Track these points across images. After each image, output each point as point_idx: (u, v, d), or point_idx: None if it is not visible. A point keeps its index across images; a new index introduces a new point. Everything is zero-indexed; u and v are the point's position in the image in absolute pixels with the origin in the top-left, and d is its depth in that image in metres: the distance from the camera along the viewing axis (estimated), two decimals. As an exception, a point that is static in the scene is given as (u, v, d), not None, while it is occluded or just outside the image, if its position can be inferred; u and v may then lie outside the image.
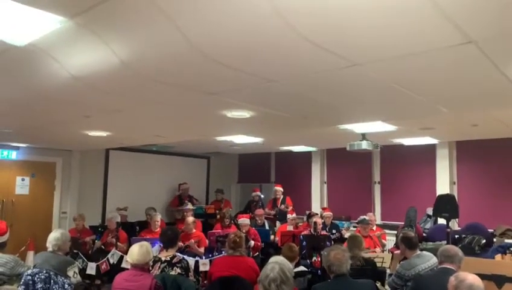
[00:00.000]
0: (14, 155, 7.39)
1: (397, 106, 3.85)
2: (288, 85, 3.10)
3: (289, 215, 7.37)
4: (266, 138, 6.71)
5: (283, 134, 6.47)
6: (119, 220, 6.88)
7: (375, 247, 6.19)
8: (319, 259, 5.40)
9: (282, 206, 8.20)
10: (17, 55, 2.57)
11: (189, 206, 7.89)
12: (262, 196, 8.87)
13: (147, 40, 2.31)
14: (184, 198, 8.76)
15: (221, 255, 5.24)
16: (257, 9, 1.87)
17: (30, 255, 6.40)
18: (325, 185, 9.04)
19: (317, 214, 7.56)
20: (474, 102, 3.65)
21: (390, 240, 7.09)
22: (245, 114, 4.24)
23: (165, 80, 3.04)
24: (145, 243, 3.39)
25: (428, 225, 7.06)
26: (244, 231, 6.17)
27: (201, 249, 6.13)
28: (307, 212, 7.83)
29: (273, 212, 8.28)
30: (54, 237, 3.57)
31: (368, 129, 5.20)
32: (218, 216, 8.04)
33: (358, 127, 5.10)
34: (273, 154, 10.05)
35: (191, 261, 5.04)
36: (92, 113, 4.43)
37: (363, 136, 5.46)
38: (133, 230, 7.17)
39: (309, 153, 9.03)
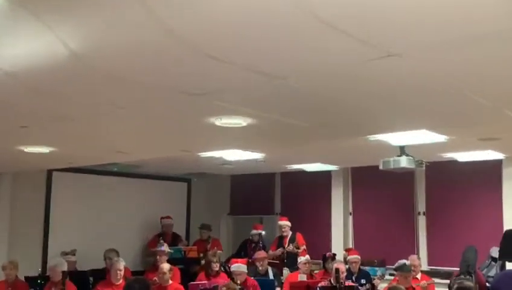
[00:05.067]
0: None
1: (448, 109, 3.88)
2: (301, 82, 3.12)
3: (300, 258, 7.36)
4: (269, 153, 6.71)
5: (292, 148, 6.48)
6: (65, 268, 6.83)
7: (420, 303, 6.17)
8: (344, 321, 5.37)
9: (291, 247, 8.18)
10: None
11: (165, 247, 7.83)
12: (263, 233, 8.85)
13: (108, 22, 2.32)
14: (166, 237, 8.75)
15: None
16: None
17: None
18: (350, 218, 9.06)
19: (335, 255, 7.52)
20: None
21: (441, 293, 7.07)
22: (240, 122, 4.26)
23: (131, 76, 3.05)
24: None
25: (493, 271, 7.05)
26: (239, 281, 6.13)
27: (181, 309, 6.10)
28: (325, 254, 7.80)
29: (279, 254, 8.26)
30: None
31: (408, 141, 5.23)
32: (202, 261, 7.98)
33: (396, 138, 5.13)
34: (278, 175, 10.06)
35: (167, 325, 5.01)
36: (30, 123, 4.44)
37: (402, 150, 5.48)
38: (86, 282, 7.15)
39: (327, 174, 9.05)
